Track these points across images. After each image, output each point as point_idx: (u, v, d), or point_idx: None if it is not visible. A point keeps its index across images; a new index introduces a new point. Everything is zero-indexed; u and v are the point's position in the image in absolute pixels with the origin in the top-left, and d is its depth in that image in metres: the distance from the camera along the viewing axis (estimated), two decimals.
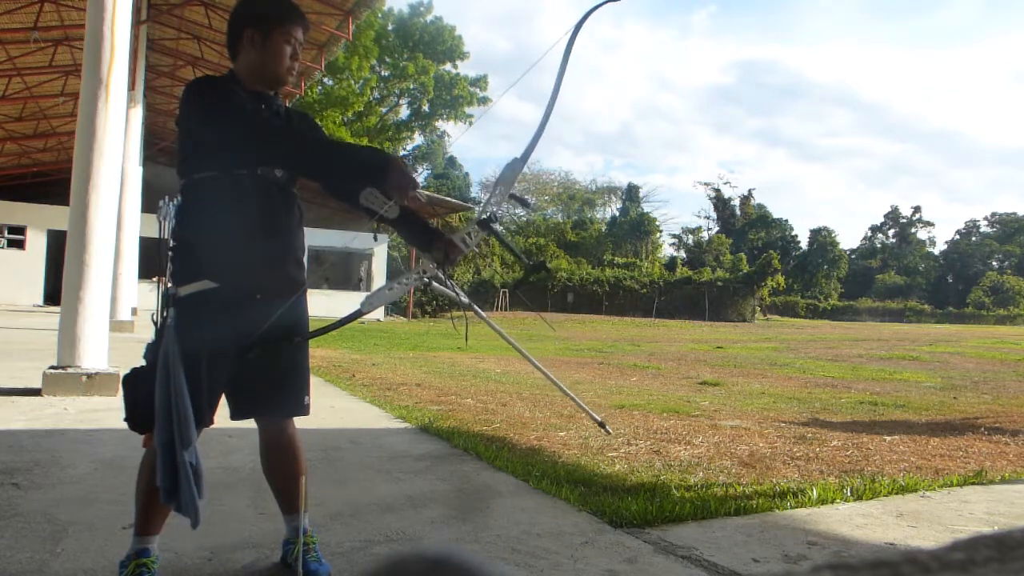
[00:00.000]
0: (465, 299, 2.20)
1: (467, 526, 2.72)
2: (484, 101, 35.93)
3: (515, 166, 2.07)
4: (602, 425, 2.40)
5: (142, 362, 1.98)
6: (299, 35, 2.09)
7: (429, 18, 35.00)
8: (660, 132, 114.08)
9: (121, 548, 2.11)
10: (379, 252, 26.41)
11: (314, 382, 2.24)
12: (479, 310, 2.24)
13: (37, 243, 22.00)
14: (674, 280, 39.24)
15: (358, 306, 2.05)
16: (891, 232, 71.16)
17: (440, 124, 38.64)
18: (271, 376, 2.09)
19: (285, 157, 1.97)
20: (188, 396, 1.82)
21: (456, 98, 35.76)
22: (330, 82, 30.76)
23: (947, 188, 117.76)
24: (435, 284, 2.10)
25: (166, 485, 1.80)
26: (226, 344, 1.97)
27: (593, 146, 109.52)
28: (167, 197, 2.01)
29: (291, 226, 2.08)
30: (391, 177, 1.84)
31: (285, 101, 2.40)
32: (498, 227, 2.08)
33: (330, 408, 5.14)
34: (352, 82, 30.64)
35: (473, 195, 46.28)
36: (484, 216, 2.07)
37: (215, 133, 1.95)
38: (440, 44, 34.78)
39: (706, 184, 66.49)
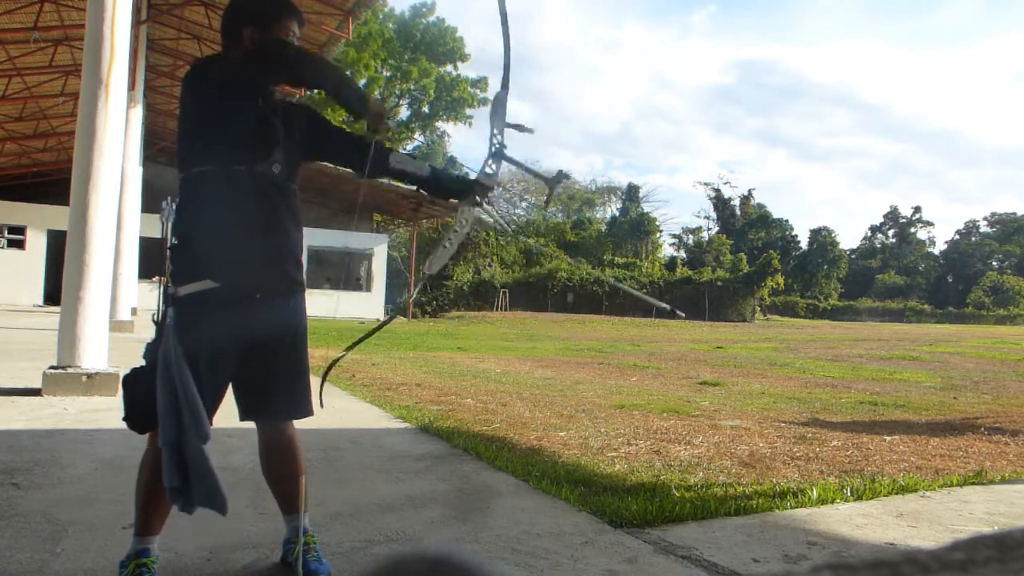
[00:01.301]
0: (510, 228, 2.31)
1: (467, 526, 2.72)
2: (485, 102, 35.97)
3: (499, 98, 2.20)
4: (674, 312, 2.51)
5: (142, 362, 1.98)
6: (296, 30, 2.10)
7: (431, 19, 35.01)
8: (660, 132, 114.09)
9: (121, 548, 2.11)
10: (379, 252, 26.42)
11: (314, 382, 2.24)
12: (524, 237, 2.32)
13: (37, 243, 22.01)
14: (674, 280, 39.24)
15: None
16: (891, 232, 71.15)
17: (440, 124, 38.68)
18: (275, 378, 2.10)
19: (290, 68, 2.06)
20: (196, 392, 1.83)
21: (457, 100, 35.77)
22: None
23: (947, 188, 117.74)
24: (483, 218, 2.25)
25: (174, 484, 1.80)
26: (226, 344, 1.97)
27: (593, 146, 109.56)
28: (170, 198, 2.04)
29: (289, 225, 2.07)
30: (371, 108, 2.06)
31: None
32: (511, 155, 2.25)
33: (330, 408, 5.14)
34: (358, 79, 30.71)
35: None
36: (495, 149, 2.19)
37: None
38: (441, 46, 34.78)
39: (706, 184, 66.52)
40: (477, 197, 2.19)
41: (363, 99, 2.07)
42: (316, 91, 2.12)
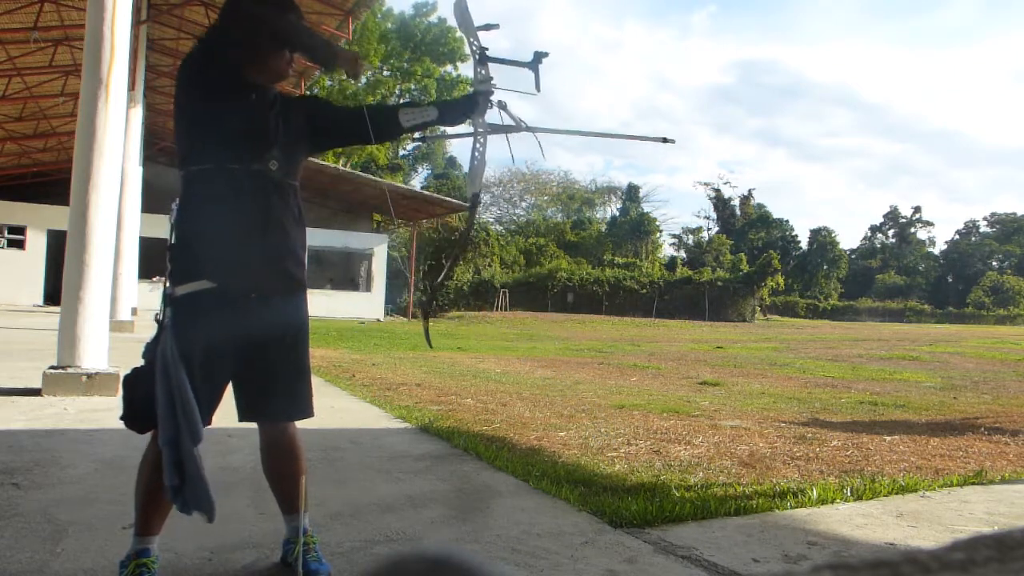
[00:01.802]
0: (525, 124, 2.41)
1: (467, 526, 2.72)
2: None
3: (459, 6, 2.28)
4: (665, 139, 2.73)
5: (142, 362, 1.98)
6: None
7: (433, 19, 35.02)
8: (660, 132, 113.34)
9: (121, 548, 2.11)
10: (379, 252, 26.42)
11: (314, 382, 2.24)
12: (530, 125, 2.39)
13: (37, 243, 22.01)
14: (674, 280, 39.24)
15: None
16: (891, 232, 71.16)
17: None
18: (274, 379, 2.09)
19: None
20: (192, 394, 1.82)
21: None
22: (331, 83, 30.80)
23: (947, 188, 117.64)
24: (497, 123, 2.34)
25: (174, 483, 1.79)
26: (223, 344, 1.97)
27: (593, 146, 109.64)
28: (178, 199, 2.03)
29: (288, 223, 2.05)
30: (341, 55, 2.07)
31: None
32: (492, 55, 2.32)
33: (330, 408, 5.14)
34: (357, 81, 30.77)
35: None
36: (478, 56, 2.28)
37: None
38: (442, 46, 34.81)
39: (706, 184, 66.50)
40: (482, 105, 2.31)
41: (331, 47, 2.08)
42: (289, 48, 2.10)
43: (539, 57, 2.36)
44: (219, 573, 2.18)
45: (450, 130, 2.48)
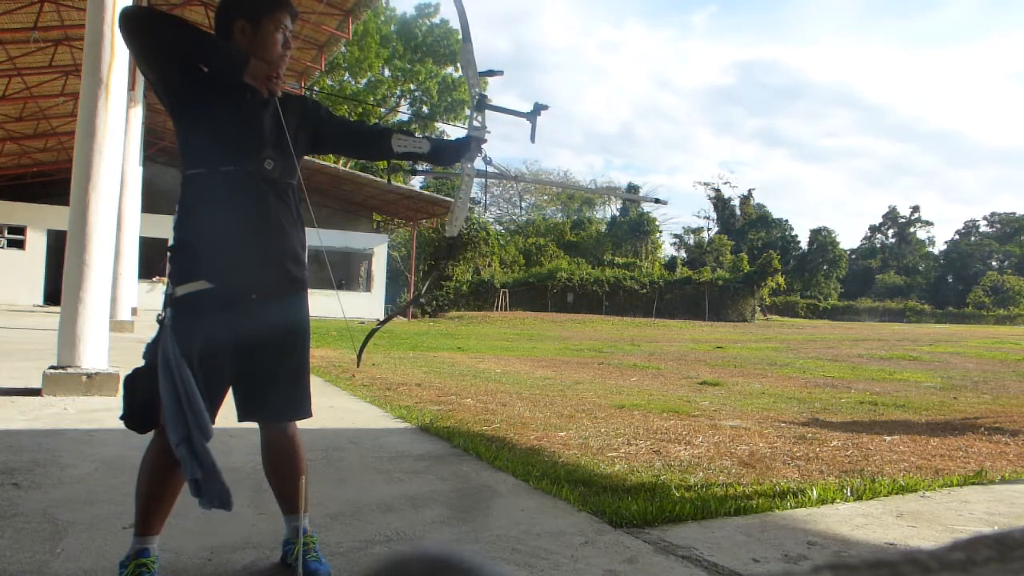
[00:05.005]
0: (513, 174, 2.48)
1: (467, 526, 2.72)
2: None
3: (464, 51, 2.37)
4: (658, 200, 3.06)
5: (143, 362, 1.98)
6: (289, 23, 2.08)
7: (436, 19, 35.04)
8: (660, 132, 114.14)
9: (121, 548, 2.11)
10: (379, 252, 26.40)
11: (314, 382, 2.24)
12: (527, 178, 2.45)
13: (37, 243, 22.02)
14: (674, 280, 39.21)
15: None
16: (891, 232, 71.17)
17: (439, 124, 38.78)
18: (274, 379, 2.09)
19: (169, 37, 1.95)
20: (197, 391, 1.82)
21: (457, 101, 35.82)
22: (331, 82, 30.82)
23: (947, 188, 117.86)
24: (488, 169, 2.40)
25: (196, 476, 1.78)
26: (223, 344, 1.96)
27: (593, 146, 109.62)
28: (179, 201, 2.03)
29: (285, 223, 2.04)
30: (251, 69, 1.96)
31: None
32: (491, 102, 2.38)
33: (330, 408, 5.14)
34: (356, 80, 30.82)
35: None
36: (476, 101, 2.33)
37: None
38: (443, 48, 34.83)
39: (706, 184, 66.55)
40: (473, 150, 2.33)
41: (235, 59, 1.95)
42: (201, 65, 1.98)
43: (538, 109, 2.40)
44: (219, 573, 2.18)
45: (437, 167, 2.52)
